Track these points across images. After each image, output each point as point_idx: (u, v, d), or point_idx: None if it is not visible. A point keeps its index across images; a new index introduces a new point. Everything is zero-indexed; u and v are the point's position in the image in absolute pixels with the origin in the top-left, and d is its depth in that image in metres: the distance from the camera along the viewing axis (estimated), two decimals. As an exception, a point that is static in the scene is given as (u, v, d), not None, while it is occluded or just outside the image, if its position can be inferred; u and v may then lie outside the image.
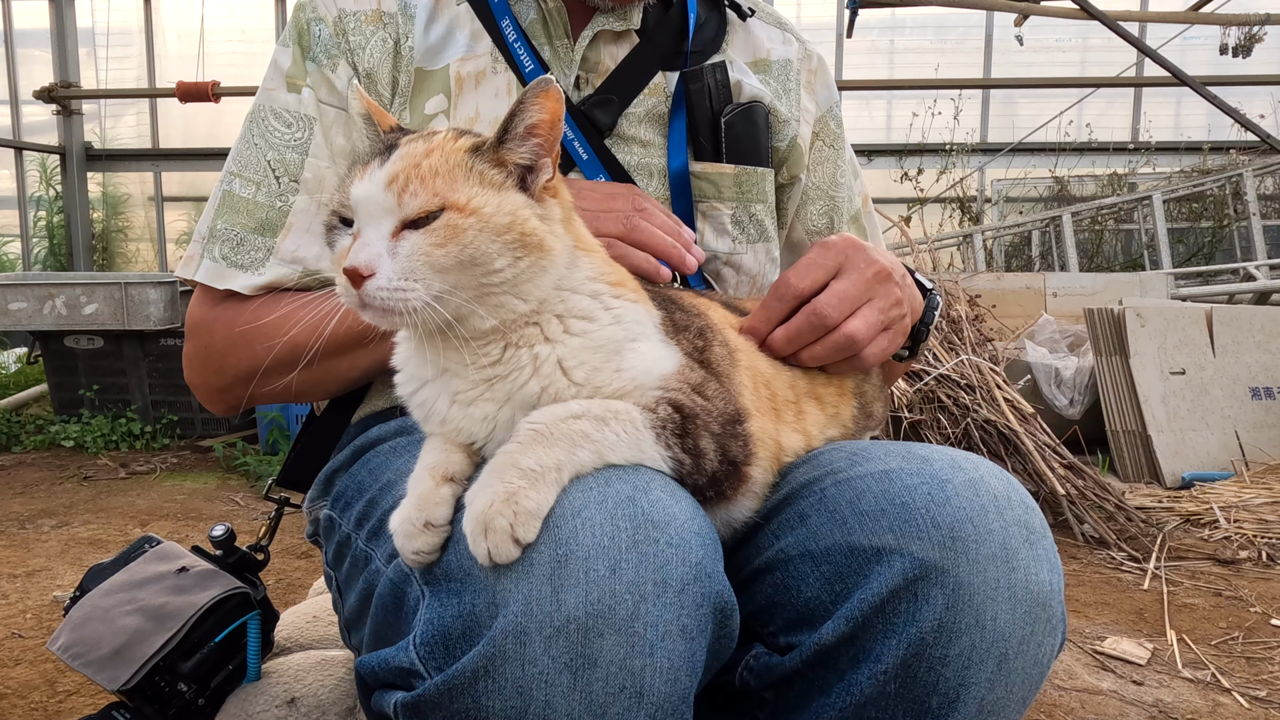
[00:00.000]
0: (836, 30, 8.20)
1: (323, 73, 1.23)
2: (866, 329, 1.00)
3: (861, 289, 1.01)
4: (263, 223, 1.22)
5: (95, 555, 3.02)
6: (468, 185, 0.81)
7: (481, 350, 0.83)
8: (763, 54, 1.37)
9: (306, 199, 1.22)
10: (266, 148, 1.23)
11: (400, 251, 0.78)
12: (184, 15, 8.71)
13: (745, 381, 0.92)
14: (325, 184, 1.22)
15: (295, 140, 1.22)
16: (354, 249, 0.79)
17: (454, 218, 0.79)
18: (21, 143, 8.38)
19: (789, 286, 1.00)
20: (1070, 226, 7.24)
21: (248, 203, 1.22)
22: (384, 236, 0.79)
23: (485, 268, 0.80)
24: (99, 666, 1.09)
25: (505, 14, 1.23)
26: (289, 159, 1.22)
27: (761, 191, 1.31)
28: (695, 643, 0.76)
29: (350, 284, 0.78)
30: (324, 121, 1.23)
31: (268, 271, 1.20)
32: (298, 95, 1.23)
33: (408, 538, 0.80)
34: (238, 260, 1.21)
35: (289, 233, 1.21)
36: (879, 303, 1.02)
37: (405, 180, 0.79)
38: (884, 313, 1.02)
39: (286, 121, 1.23)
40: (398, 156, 0.81)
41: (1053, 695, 2.09)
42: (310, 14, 1.25)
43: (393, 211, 0.79)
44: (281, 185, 1.22)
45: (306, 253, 1.21)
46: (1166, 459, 3.72)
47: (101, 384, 4.68)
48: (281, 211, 1.22)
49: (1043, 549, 0.83)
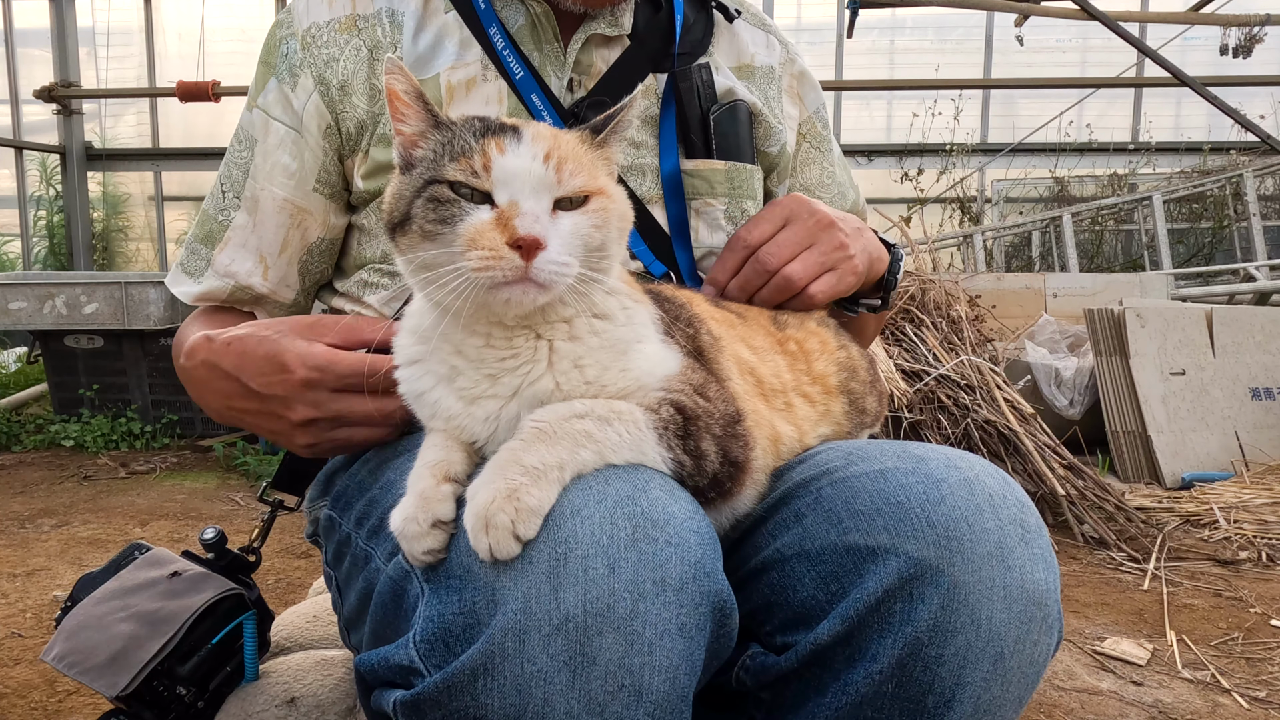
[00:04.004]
0: (837, 30, 8.21)
1: (283, 90, 1.26)
2: (804, 270, 1.14)
3: (803, 236, 1.16)
4: (208, 234, 1.31)
5: (95, 555, 3.02)
6: (602, 171, 0.85)
7: (508, 342, 0.84)
8: (746, 59, 1.38)
9: (245, 216, 1.28)
10: (225, 162, 1.31)
11: (563, 229, 0.79)
12: (184, 15, 8.71)
13: (731, 367, 0.93)
14: (260, 203, 1.28)
15: (241, 159, 1.29)
16: (523, 220, 0.77)
17: (604, 201, 0.82)
18: (22, 142, 8.38)
19: (739, 239, 1.17)
20: (1070, 227, 7.24)
21: (204, 214, 1.32)
22: (546, 211, 0.79)
23: (604, 252, 0.83)
24: (96, 674, 1.09)
25: (493, 21, 1.24)
26: (235, 175, 1.29)
27: (751, 188, 1.33)
28: (694, 641, 0.77)
29: (520, 254, 0.76)
30: (266, 142, 1.27)
31: (204, 281, 1.30)
32: (250, 114, 1.29)
33: (415, 538, 0.80)
34: (188, 267, 1.32)
35: (225, 246, 1.29)
36: (821, 247, 1.16)
37: (560, 159, 0.80)
38: (825, 254, 1.16)
39: (239, 138, 1.30)
40: (536, 136, 0.81)
41: (1052, 695, 2.09)
42: (284, 30, 1.28)
43: (551, 188, 0.80)
44: (225, 200, 1.30)
45: (239, 267, 1.29)
46: (1166, 459, 3.72)
47: (101, 384, 4.68)
48: (222, 225, 1.30)
49: (1038, 548, 0.83)
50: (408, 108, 0.85)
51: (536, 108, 1.21)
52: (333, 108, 1.24)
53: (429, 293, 0.83)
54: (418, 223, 0.81)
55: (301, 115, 1.25)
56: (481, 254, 0.77)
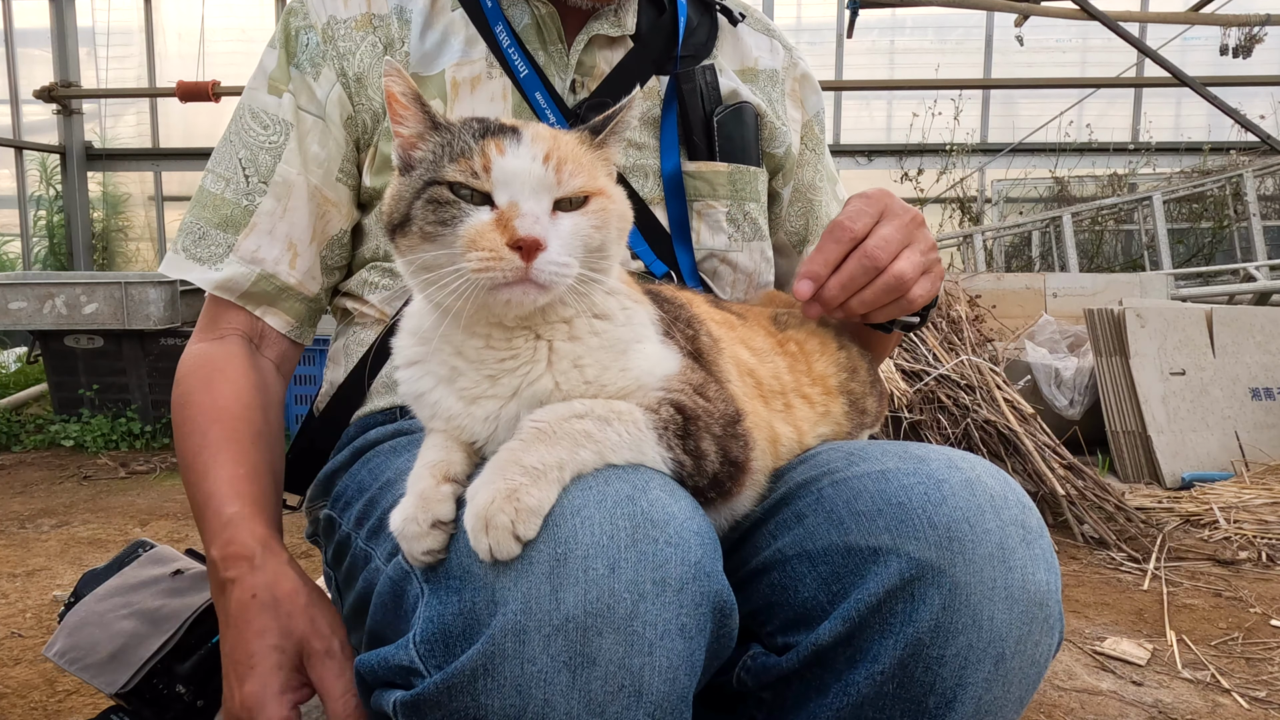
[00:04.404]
0: (837, 30, 8.20)
1: (305, 80, 1.25)
2: (912, 269, 1.03)
3: (904, 233, 1.04)
4: (226, 219, 1.25)
5: (95, 555, 3.02)
6: (601, 172, 0.85)
7: (507, 343, 0.84)
8: (750, 62, 1.38)
9: (274, 202, 1.24)
10: (240, 145, 1.26)
11: (563, 229, 0.79)
12: (184, 15, 8.71)
13: (730, 369, 0.93)
14: (294, 189, 1.25)
15: (270, 143, 1.25)
16: (523, 221, 0.77)
17: (604, 201, 0.82)
18: (22, 142, 8.37)
19: (843, 229, 1.02)
20: (1070, 227, 7.24)
21: (215, 198, 1.26)
22: (545, 212, 0.79)
23: (604, 253, 0.83)
24: (96, 671, 1.09)
25: (499, 20, 1.24)
26: (261, 160, 1.25)
27: (754, 190, 1.33)
28: (694, 642, 0.76)
29: (520, 255, 0.76)
30: (300, 128, 1.25)
31: (225, 268, 1.23)
32: (278, 99, 1.26)
33: (415, 538, 0.80)
34: (197, 254, 1.25)
35: (251, 232, 1.24)
36: (919, 245, 1.05)
37: (559, 160, 0.80)
38: (924, 254, 1.06)
39: (264, 123, 1.26)
40: (535, 137, 0.81)
41: (1052, 695, 2.09)
42: (301, 21, 1.27)
43: (550, 189, 0.80)
44: (250, 184, 1.25)
45: (267, 254, 1.24)
46: (1166, 459, 3.72)
47: (101, 383, 4.68)
48: (247, 210, 1.25)
49: (1039, 548, 0.83)
50: (405, 109, 0.85)
51: (540, 106, 1.22)
52: (352, 99, 1.25)
53: (429, 294, 0.82)
54: (417, 224, 0.81)
55: (325, 105, 1.25)
56: (481, 255, 0.77)
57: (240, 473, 1.11)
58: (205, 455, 1.12)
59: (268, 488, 1.13)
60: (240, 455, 1.13)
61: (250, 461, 1.13)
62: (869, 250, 1.01)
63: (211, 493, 1.09)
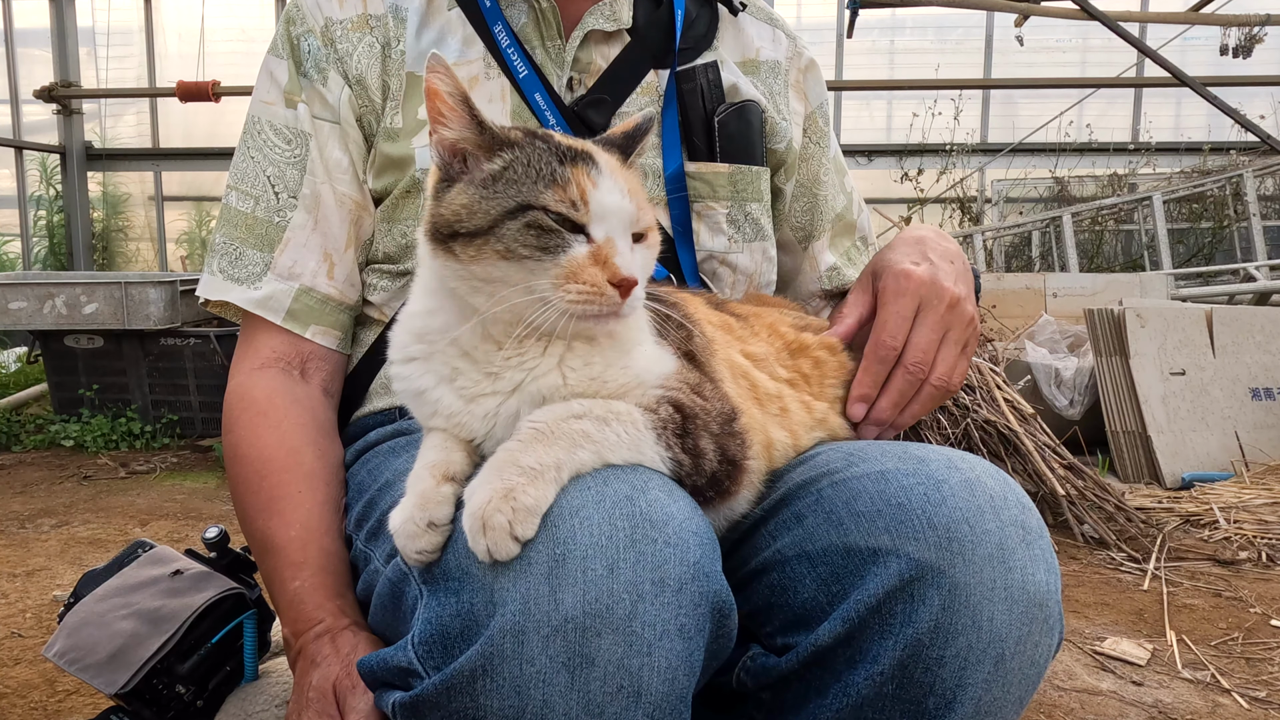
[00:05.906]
0: (837, 30, 8.20)
1: (315, 88, 1.25)
2: (949, 369, 1.10)
3: (938, 325, 1.09)
4: (261, 237, 1.24)
5: (95, 555, 3.02)
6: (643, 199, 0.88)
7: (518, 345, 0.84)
8: (752, 54, 1.36)
9: (304, 215, 1.24)
10: (265, 163, 1.25)
11: (641, 264, 0.84)
12: (184, 15, 8.71)
13: (723, 371, 0.93)
14: (321, 200, 1.24)
15: (294, 157, 1.25)
16: (623, 260, 0.81)
17: (655, 233, 0.87)
18: (22, 142, 8.37)
19: (885, 347, 1.09)
20: (1070, 227, 7.24)
21: (245, 217, 1.25)
22: (629, 248, 0.83)
23: None
24: (96, 671, 1.09)
25: (498, 19, 1.23)
26: (288, 175, 1.24)
27: (757, 190, 1.31)
28: (693, 642, 0.76)
29: (619, 292, 0.79)
30: (319, 137, 1.25)
31: (264, 286, 1.23)
32: (294, 111, 1.25)
33: (411, 538, 0.80)
34: (234, 274, 1.24)
35: (286, 248, 1.24)
36: (955, 333, 1.10)
37: (634, 195, 0.84)
38: (960, 337, 1.11)
39: (286, 138, 1.25)
40: (611, 169, 0.84)
41: (1052, 696, 2.09)
42: (300, 28, 1.26)
43: (632, 224, 0.83)
44: (280, 200, 1.24)
45: (304, 268, 1.23)
46: (1166, 459, 3.72)
47: (101, 383, 4.68)
48: (279, 226, 1.24)
49: (1039, 549, 0.83)
50: (451, 111, 0.82)
51: (540, 107, 1.21)
52: (359, 100, 1.25)
53: (478, 302, 0.82)
54: (506, 243, 0.79)
55: (339, 109, 1.24)
56: (582, 289, 0.78)
57: (292, 535, 1.11)
58: (260, 520, 1.13)
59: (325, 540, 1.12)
60: (293, 513, 1.12)
61: (301, 518, 1.12)
62: (909, 367, 1.08)
63: (274, 567, 1.11)
